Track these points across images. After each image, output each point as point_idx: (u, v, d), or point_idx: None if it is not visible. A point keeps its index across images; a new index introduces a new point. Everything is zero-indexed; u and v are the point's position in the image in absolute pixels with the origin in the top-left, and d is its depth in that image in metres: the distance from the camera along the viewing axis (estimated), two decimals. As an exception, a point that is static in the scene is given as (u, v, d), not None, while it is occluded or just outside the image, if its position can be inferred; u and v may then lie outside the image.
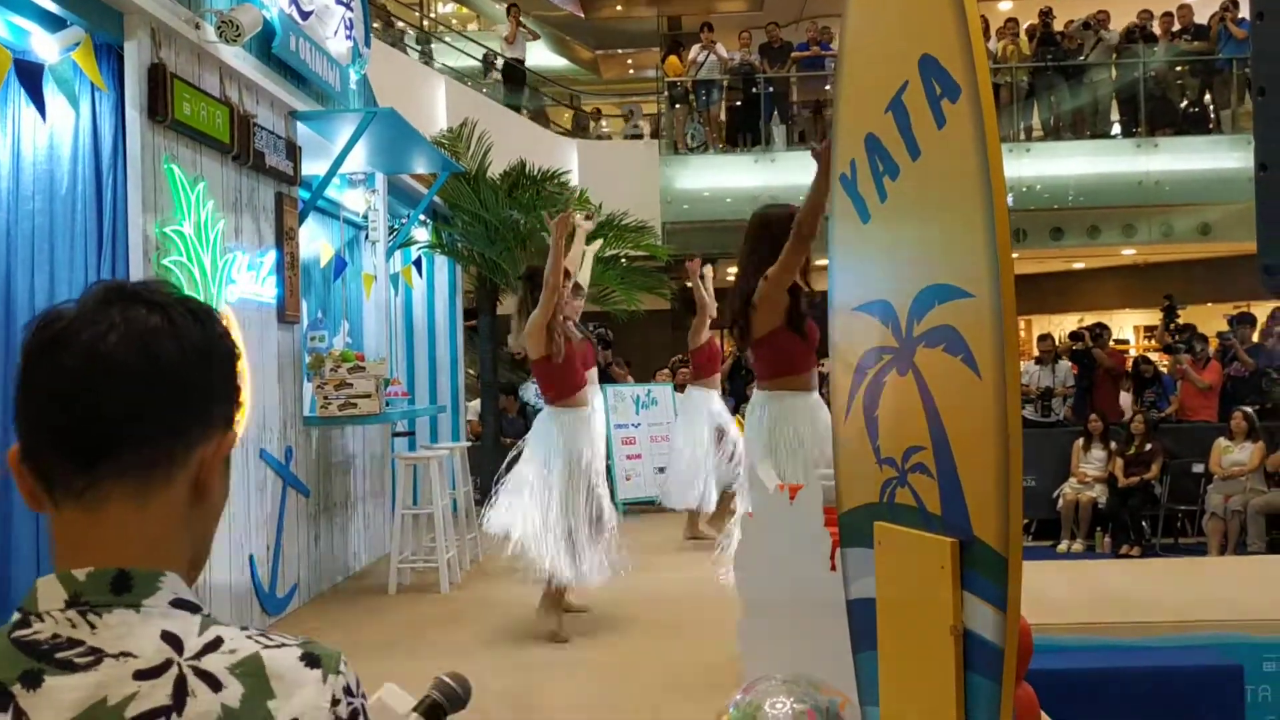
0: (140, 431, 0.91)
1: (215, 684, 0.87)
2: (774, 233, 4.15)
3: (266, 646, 0.91)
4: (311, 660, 0.91)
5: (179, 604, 0.91)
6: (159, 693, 0.86)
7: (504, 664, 4.83)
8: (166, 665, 0.87)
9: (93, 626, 0.87)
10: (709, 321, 7.80)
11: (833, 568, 2.96)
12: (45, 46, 4.35)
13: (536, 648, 5.14)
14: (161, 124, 4.75)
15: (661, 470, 9.07)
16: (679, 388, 10.44)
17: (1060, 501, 9.93)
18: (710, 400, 8.03)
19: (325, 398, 6.25)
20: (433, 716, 1.19)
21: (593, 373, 6.34)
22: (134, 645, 0.87)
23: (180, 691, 0.86)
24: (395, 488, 7.29)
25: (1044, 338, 11.58)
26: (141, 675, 0.86)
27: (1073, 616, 4.68)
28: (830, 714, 2.57)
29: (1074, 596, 5.16)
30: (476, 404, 10.97)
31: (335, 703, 0.90)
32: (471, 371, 11.55)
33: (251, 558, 5.42)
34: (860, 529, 2.26)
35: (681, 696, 4.26)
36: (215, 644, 0.89)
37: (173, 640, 0.88)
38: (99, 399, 0.90)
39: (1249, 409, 9.59)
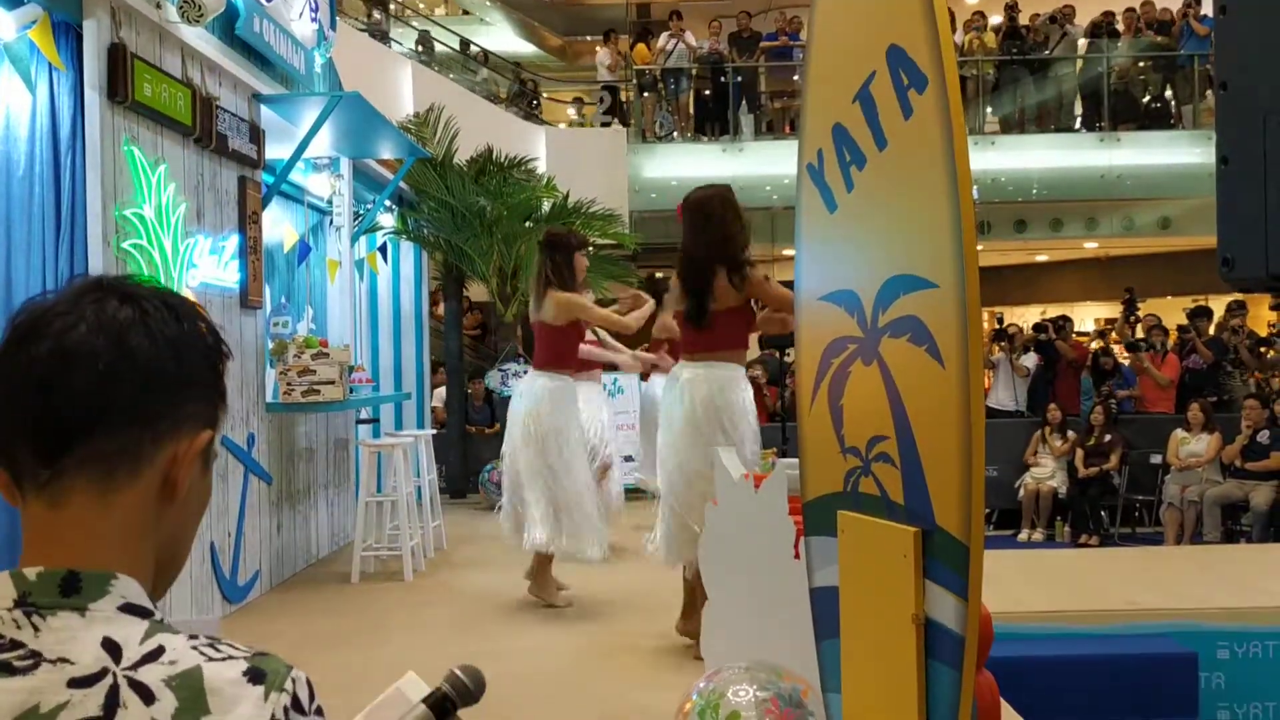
0: (105, 422, 0.90)
1: (148, 696, 0.84)
2: (711, 211, 4.43)
3: (211, 659, 0.88)
4: (255, 675, 0.88)
5: (128, 609, 0.88)
6: (90, 703, 0.83)
7: (467, 651, 4.82)
8: (102, 674, 0.85)
9: (36, 629, 0.86)
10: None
11: (796, 556, 2.97)
12: (1, 24, 4.27)
13: (500, 635, 5.13)
14: (121, 105, 4.67)
15: (629, 459, 9.08)
16: (644, 376, 10.45)
17: (1021, 491, 10.05)
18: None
19: (288, 384, 6.19)
20: (440, 710, 1.17)
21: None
22: (73, 651, 0.85)
23: (112, 702, 0.84)
24: (359, 475, 7.24)
25: (1011, 325, 11.82)
26: (75, 683, 0.84)
27: (1032, 605, 4.74)
28: (793, 701, 2.59)
29: (1034, 585, 5.22)
30: (442, 391, 10.92)
31: None
32: (437, 359, 11.49)
33: (212, 545, 5.37)
34: (824, 518, 2.27)
35: (647, 682, 4.27)
36: (155, 654, 0.87)
37: (112, 648, 0.86)
38: (64, 388, 0.90)
39: (1206, 401, 9.75)
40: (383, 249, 8.99)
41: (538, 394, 5.38)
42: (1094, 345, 11.44)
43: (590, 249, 5.70)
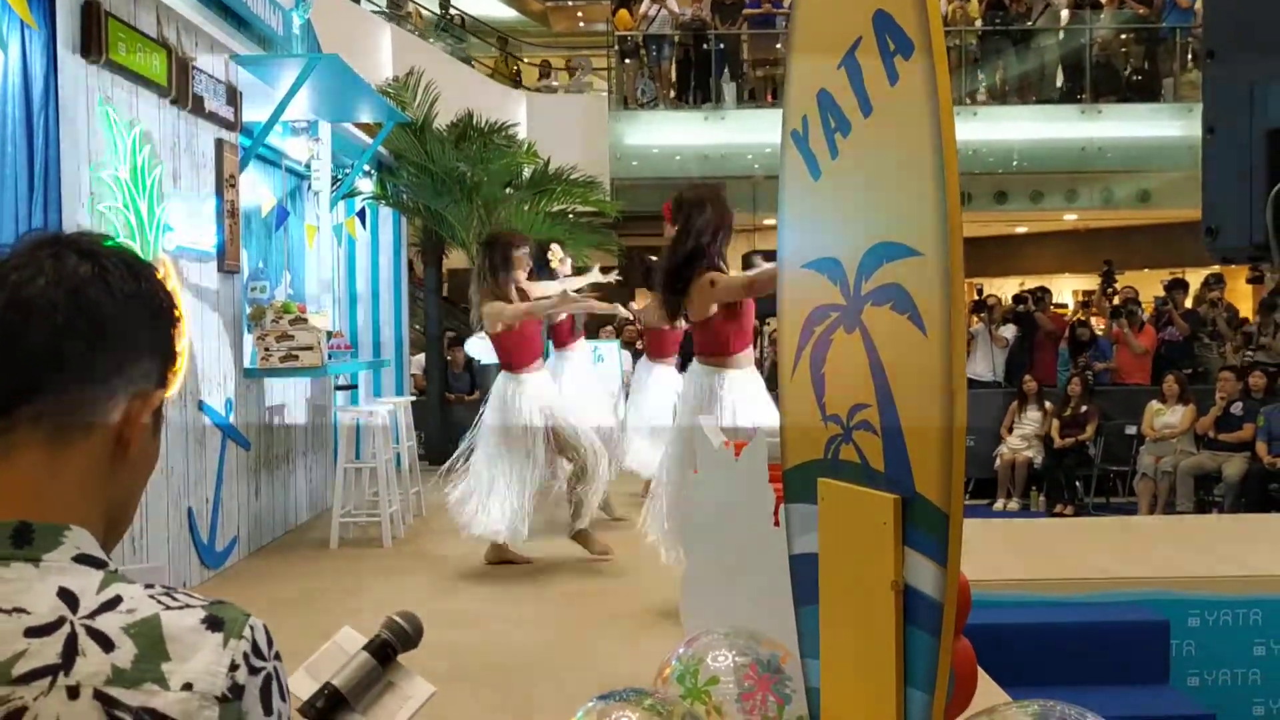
0: (61, 377, 0.90)
1: (107, 644, 0.84)
2: (696, 212, 4.32)
3: (169, 607, 0.88)
4: (213, 623, 0.88)
5: (82, 559, 0.88)
6: (48, 651, 0.83)
7: (445, 617, 4.83)
8: (59, 623, 0.84)
9: None
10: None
11: (776, 523, 2.99)
12: (-29, -20, 4.18)
13: (478, 601, 5.15)
14: (96, 64, 4.59)
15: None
16: (626, 344, 10.44)
17: (997, 461, 10.13)
18: (669, 377, 8.05)
19: (266, 349, 6.14)
20: (382, 655, 1.19)
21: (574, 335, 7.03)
22: (28, 601, 0.85)
23: (70, 650, 0.84)
24: (337, 441, 7.22)
25: (990, 296, 11.88)
26: (32, 632, 0.84)
27: (1008, 573, 4.79)
28: (771, 667, 2.60)
29: (1009, 554, 5.28)
30: (421, 358, 10.88)
31: (234, 668, 0.87)
32: (416, 326, 11.45)
33: (190, 511, 5.34)
34: (804, 485, 2.28)
35: (625, 650, 4.29)
36: (113, 603, 0.87)
37: (68, 597, 0.86)
38: (20, 341, 0.89)
39: (1181, 373, 9.84)
40: (361, 214, 8.92)
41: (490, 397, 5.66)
42: (1075, 317, 11.51)
43: (528, 248, 5.70)
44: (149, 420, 0.97)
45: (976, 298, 11.58)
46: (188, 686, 0.85)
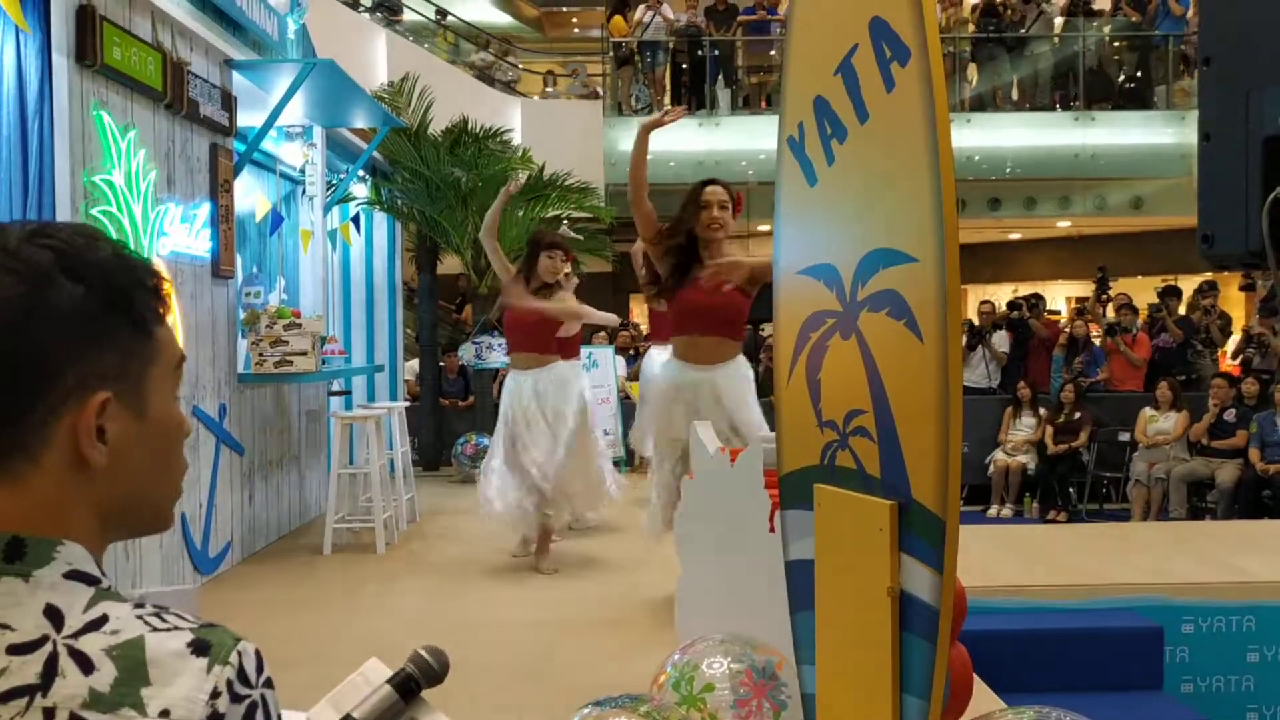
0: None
1: (87, 665, 0.82)
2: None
3: (155, 629, 0.84)
4: (199, 647, 0.85)
5: (74, 575, 0.85)
6: (28, 670, 0.81)
7: (438, 624, 4.83)
8: (41, 641, 0.82)
9: None
10: None
11: (771, 529, 2.99)
12: (-34, -16, 4.17)
13: (471, 608, 5.14)
14: (90, 69, 4.59)
15: (606, 433, 9.07)
16: (621, 350, 10.46)
17: (991, 467, 10.14)
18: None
19: (260, 355, 6.14)
20: (406, 689, 1.18)
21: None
22: (14, 618, 0.82)
23: (50, 670, 0.81)
24: (331, 447, 7.20)
25: (984, 303, 11.85)
26: (15, 650, 0.81)
27: (1001, 579, 4.79)
28: (767, 673, 2.60)
29: (1003, 560, 5.28)
30: (414, 364, 10.87)
31: (215, 695, 0.83)
32: (409, 331, 11.43)
33: (183, 516, 5.33)
34: (800, 491, 2.28)
35: (621, 655, 4.28)
36: (98, 623, 0.84)
37: (54, 615, 0.83)
38: None
39: (1174, 380, 9.86)
40: (356, 219, 8.91)
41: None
42: (1073, 325, 11.46)
43: (561, 253, 5.90)
44: (124, 414, 0.90)
45: (969, 329, 11.40)
46: (165, 714, 0.82)
